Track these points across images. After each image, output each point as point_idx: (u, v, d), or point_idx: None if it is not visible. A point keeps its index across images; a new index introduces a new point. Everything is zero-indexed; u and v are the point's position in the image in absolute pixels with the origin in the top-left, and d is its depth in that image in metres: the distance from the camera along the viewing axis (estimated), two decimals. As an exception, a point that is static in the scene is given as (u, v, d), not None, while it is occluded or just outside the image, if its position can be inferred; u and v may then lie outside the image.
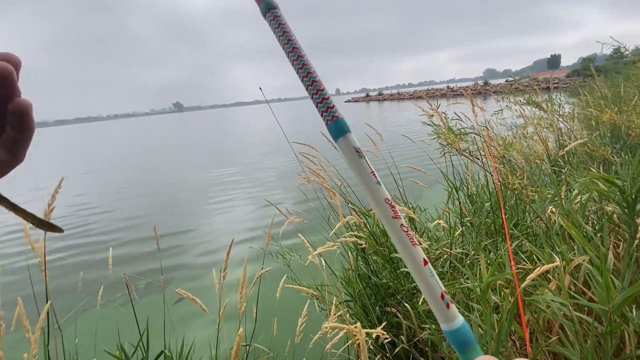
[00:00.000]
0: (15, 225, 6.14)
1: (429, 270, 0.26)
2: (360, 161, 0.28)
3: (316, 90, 0.28)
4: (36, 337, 0.83)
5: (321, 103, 0.28)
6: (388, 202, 0.27)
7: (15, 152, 0.27)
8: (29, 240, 1.08)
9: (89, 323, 2.78)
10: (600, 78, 5.03)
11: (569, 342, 1.04)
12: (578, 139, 2.12)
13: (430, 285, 0.26)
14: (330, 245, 1.29)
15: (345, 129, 0.28)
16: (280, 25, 0.30)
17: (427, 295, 0.26)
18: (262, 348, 1.36)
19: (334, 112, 0.28)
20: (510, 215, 1.68)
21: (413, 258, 0.26)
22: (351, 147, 0.28)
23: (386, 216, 0.27)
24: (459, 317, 0.26)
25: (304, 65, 0.29)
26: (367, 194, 0.27)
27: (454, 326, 0.25)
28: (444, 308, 0.26)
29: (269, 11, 0.30)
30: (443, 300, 0.26)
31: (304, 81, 0.29)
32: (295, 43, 0.29)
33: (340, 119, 0.28)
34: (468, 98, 1.90)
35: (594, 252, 1.10)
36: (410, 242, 0.26)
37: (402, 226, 0.26)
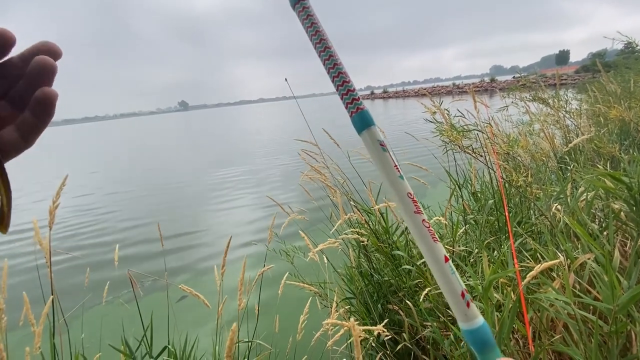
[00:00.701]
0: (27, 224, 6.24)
1: (450, 268, 0.25)
2: (384, 154, 0.27)
3: (342, 82, 0.28)
4: (39, 331, 0.84)
5: (346, 95, 0.28)
6: (410, 197, 0.27)
7: (29, 137, 0.28)
8: (38, 238, 1.10)
9: (95, 319, 2.82)
10: (610, 74, 4.94)
11: (573, 342, 1.03)
12: (585, 135, 2.09)
13: (451, 282, 0.25)
14: (331, 242, 1.28)
15: (369, 121, 0.28)
16: (309, 16, 0.30)
17: (447, 293, 0.26)
18: (264, 345, 1.37)
19: (359, 104, 0.28)
20: (514, 213, 1.66)
21: (434, 254, 0.26)
22: (375, 140, 0.28)
23: (408, 211, 0.26)
24: (480, 317, 0.25)
25: (330, 57, 0.28)
26: (390, 188, 0.27)
27: (473, 325, 0.25)
28: (464, 306, 0.25)
29: (298, 2, 0.30)
30: (464, 298, 0.25)
31: (330, 72, 0.29)
32: (323, 35, 0.29)
33: (365, 111, 0.28)
34: (472, 95, 1.87)
35: (599, 250, 1.09)
36: (432, 237, 0.26)
37: (423, 221, 0.26)
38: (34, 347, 0.84)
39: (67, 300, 2.92)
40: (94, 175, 11.89)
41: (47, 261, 1.01)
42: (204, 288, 1.38)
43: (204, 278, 3.60)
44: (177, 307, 2.81)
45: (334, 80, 0.29)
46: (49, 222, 1.01)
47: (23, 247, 5.25)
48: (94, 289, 1.67)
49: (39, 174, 12.96)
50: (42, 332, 1.08)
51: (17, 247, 5.33)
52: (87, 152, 23.54)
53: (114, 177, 11.23)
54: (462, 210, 1.78)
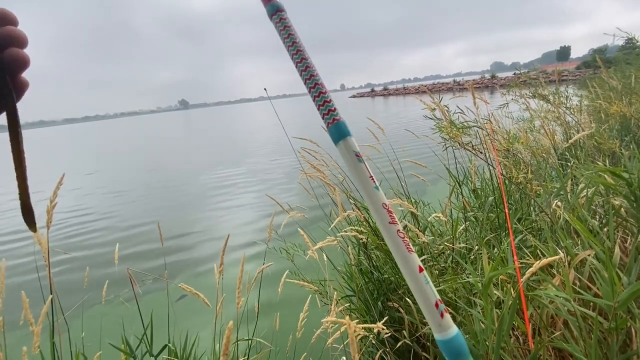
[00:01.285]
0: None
1: (424, 278, 0.25)
2: (359, 165, 0.27)
3: (318, 93, 0.28)
4: (38, 330, 0.84)
5: (323, 106, 0.28)
6: (385, 207, 0.26)
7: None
8: (37, 237, 1.10)
9: (95, 318, 2.83)
10: (611, 70, 4.91)
11: (573, 338, 1.03)
12: (585, 131, 2.08)
13: (425, 292, 0.25)
14: (330, 240, 1.28)
15: (345, 132, 0.28)
16: (285, 27, 0.30)
17: (421, 303, 0.26)
18: (265, 343, 1.37)
19: (335, 115, 0.28)
20: (514, 210, 1.66)
21: (408, 264, 0.26)
22: (351, 150, 0.27)
23: (383, 221, 0.26)
24: (453, 327, 0.25)
25: (307, 68, 0.29)
26: (365, 199, 0.27)
27: (447, 335, 0.25)
28: (437, 317, 0.25)
29: (275, 13, 0.30)
30: (437, 308, 0.25)
31: (307, 83, 0.29)
32: (299, 45, 0.29)
33: (341, 122, 0.28)
34: (472, 91, 1.87)
35: (600, 247, 1.08)
36: (406, 248, 0.26)
37: (398, 232, 0.26)
38: (33, 347, 0.84)
39: (68, 299, 2.93)
40: (92, 176, 11.90)
41: (46, 261, 1.01)
42: (205, 287, 1.37)
43: (204, 277, 3.60)
44: (178, 306, 2.81)
45: (310, 91, 0.28)
46: (47, 222, 1.01)
47: (26, 248, 5.27)
48: (94, 288, 1.68)
49: (41, 173, 12.98)
50: (43, 332, 1.08)
51: (20, 247, 5.35)
52: (88, 152, 23.56)
53: (114, 178, 11.24)
54: (462, 207, 1.78)
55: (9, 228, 6.48)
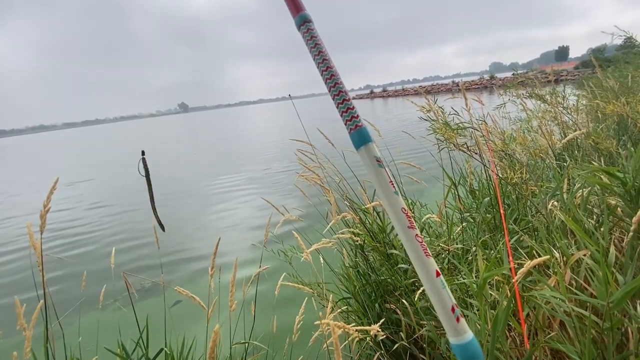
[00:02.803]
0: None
1: (441, 282, 0.26)
2: (380, 170, 0.28)
3: (342, 100, 0.29)
4: (29, 335, 0.84)
5: (346, 112, 0.29)
6: (404, 212, 0.27)
7: None
8: (32, 242, 1.10)
9: (91, 323, 2.82)
10: (609, 69, 4.91)
11: (569, 339, 1.02)
12: (582, 131, 2.08)
13: (442, 297, 0.26)
14: (325, 242, 1.28)
15: (367, 138, 0.29)
16: (312, 37, 0.31)
17: (438, 308, 0.26)
18: (261, 346, 1.37)
19: (358, 122, 0.29)
20: (511, 210, 1.66)
21: (426, 269, 0.26)
22: (372, 156, 0.29)
23: (402, 225, 0.27)
24: (469, 332, 0.25)
25: (332, 77, 0.30)
26: (385, 203, 0.28)
27: (463, 340, 0.25)
28: (454, 321, 0.25)
29: (303, 24, 0.32)
30: (454, 313, 0.25)
31: (332, 91, 0.30)
32: (325, 55, 0.31)
33: (363, 129, 0.29)
34: (472, 92, 1.87)
35: (594, 247, 1.08)
36: (424, 252, 0.26)
37: (417, 236, 0.27)
38: (24, 352, 0.84)
39: (64, 304, 2.92)
40: (89, 183, 11.91)
41: (39, 265, 1.01)
42: (203, 291, 1.37)
43: (201, 281, 3.60)
44: (175, 311, 2.81)
45: (334, 98, 0.30)
46: (40, 227, 1.01)
47: (26, 252, 5.26)
48: (91, 294, 1.68)
49: (42, 179, 12.99)
50: (38, 337, 1.08)
51: (20, 252, 5.35)
52: (88, 157, 23.57)
53: (113, 186, 11.25)
54: (458, 208, 1.77)
55: (6, 236, 6.49)
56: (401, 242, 0.27)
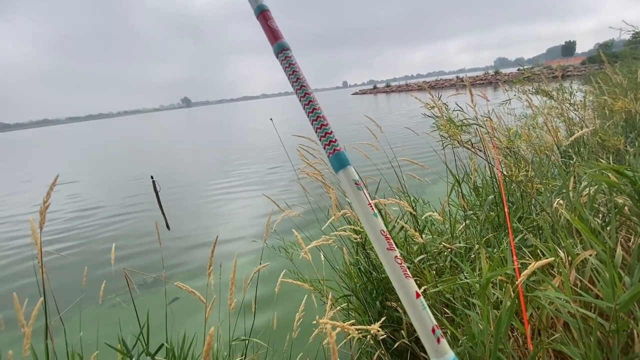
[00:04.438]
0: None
1: (421, 303, 0.26)
2: (358, 193, 0.28)
3: (320, 125, 0.30)
4: (28, 332, 0.84)
5: (324, 137, 0.30)
6: (383, 234, 0.27)
7: None
8: (34, 237, 1.09)
9: (91, 319, 2.84)
10: (617, 64, 4.82)
11: (573, 340, 1.01)
12: (589, 128, 2.04)
13: (422, 318, 0.26)
14: (324, 239, 1.27)
15: (345, 162, 0.30)
16: (290, 65, 0.32)
17: (419, 329, 0.26)
18: (261, 343, 1.36)
19: (336, 146, 0.30)
20: (515, 208, 1.63)
21: (406, 290, 0.26)
22: (351, 179, 0.29)
23: (382, 247, 0.27)
24: (449, 352, 0.25)
25: (310, 102, 0.30)
26: (365, 225, 0.28)
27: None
28: (434, 342, 0.25)
29: (281, 52, 0.33)
30: (434, 334, 0.25)
31: (310, 116, 0.31)
32: (303, 81, 0.32)
33: (341, 153, 0.30)
34: (477, 88, 1.83)
35: (601, 247, 1.06)
36: (404, 274, 0.26)
37: (396, 258, 0.27)
38: (23, 349, 0.84)
39: (65, 301, 2.94)
40: (105, 174, 11.97)
41: (39, 261, 1.00)
42: (203, 287, 1.37)
43: (200, 278, 3.61)
44: (176, 307, 2.82)
45: (312, 124, 0.30)
46: (40, 223, 1.00)
47: (28, 249, 5.31)
48: (91, 290, 1.68)
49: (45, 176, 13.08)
50: (40, 331, 1.08)
51: (22, 250, 5.40)
52: (96, 152, 23.70)
53: (118, 179, 11.30)
54: (461, 206, 1.75)
55: (9, 232, 6.54)
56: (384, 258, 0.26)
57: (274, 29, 0.34)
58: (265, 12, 0.33)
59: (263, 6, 0.34)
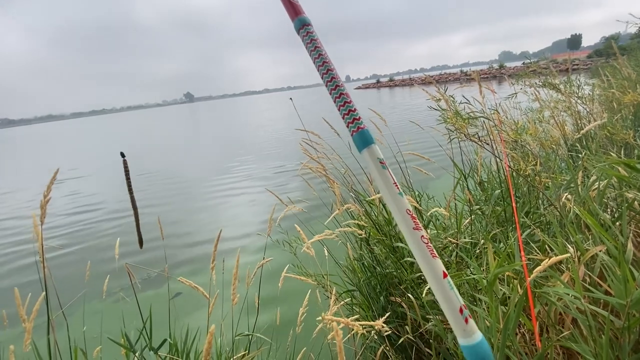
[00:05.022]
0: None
1: (449, 283, 0.25)
2: (384, 172, 0.28)
3: (343, 103, 0.29)
4: (29, 327, 0.83)
5: (347, 115, 0.29)
6: (409, 213, 0.26)
7: None
8: (36, 231, 1.08)
9: (94, 314, 2.86)
10: (623, 58, 4.74)
11: (582, 337, 0.99)
12: (597, 121, 2.00)
13: (450, 298, 0.25)
14: (327, 233, 1.25)
15: (370, 140, 0.29)
16: (312, 40, 0.31)
17: (446, 309, 0.25)
18: (265, 338, 1.35)
19: (360, 124, 0.29)
20: (522, 203, 1.61)
21: (433, 270, 0.25)
22: (375, 158, 0.28)
23: (408, 227, 0.26)
24: (478, 332, 0.25)
25: (333, 79, 0.29)
26: (390, 205, 0.28)
27: (472, 341, 0.24)
28: (462, 322, 0.25)
29: (302, 27, 0.32)
30: (462, 314, 0.25)
31: (332, 94, 0.30)
32: (325, 57, 0.30)
33: (365, 131, 0.29)
34: (482, 82, 1.79)
35: (612, 242, 1.03)
36: (430, 253, 0.26)
37: (422, 237, 0.26)
38: (24, 345, 0.83)
39: (67, 296, 2.95)
40: (111, 170, 12.01)
41: (41, 256, 0.99)
42: (206, 282, 1.36)
43: (203, 273, 3.61)
44: (179, 302, 2.82)
45: (335, 101, 0.29)
46: (41, 217, 0.99)
47: (29, 244, 5.34)
48: (92, 284, 1.68)
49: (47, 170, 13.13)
50: (42, 328, 1.07)
51: (23, 245, 5.43)
52: (101, 145, 23.77)
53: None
54: (467, 200, 1.73)
55: (14, 227, 6.59)
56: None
57: (294, 3, 0.32)
58: None
59: None
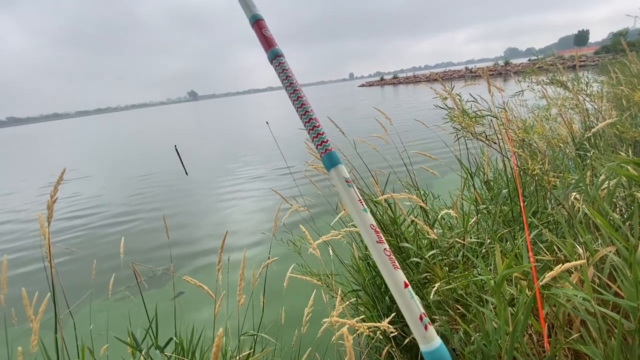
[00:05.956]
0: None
1: (409, 293, 0.27)
2: (349, 190, 0.30)
3: (312, 127, 0.32)
4: (36, 328, 0.83)
5: (316, 138, 0.31)
6: (373, 228, 0.29)
7: None
8: (43, 231, 1.09)
9: (99, 311, 2.88)
10: (632, 54, 4.66)
11: (591, 339, 0.97)
12: (606, 119, 1.97)
13: (410, 307, 0.27)
14: (333, 234, 1.24)
15: (336, 160, 0.31)
16: (284, 70, 0.34)
17: (407, 317, 0.27)
18: (270, 339, 1.36)
19: (327, 146, 0.32)
20: (529, 203, 1.59)
21: (395, 280, 0.28)
22: (342, 177, 0.31)
23: (372, 241, 0.28)
24: (437, 338, 0.27)
25: (302, 105, 0.32)
26: (355, 220, 0.30)
27: (431, 347, 0.26)
28: (422, 329, 0.27)
29: (275, 58, 0.35)
30: (422, 321, 0.27)
31: (302, 118, 0.32)
32: (296, 86, 0.33)
33: (332, 152, 0.32)
34: (485, 78, 1.77)
35: (622, 243, 1.02)
36: (393, 265, 0.28)
37: (385, 250, 0.28)
38: (31, 345, 0.84)
39: (74, 295, 2.98)
40: (115, 170, 12.10)
41: (48, 256, 1.00)
42: (212, 281, 1.36)
43: (207, 272, 3.63)
44: (185, 301, 2.84)
45: (305, 125, 0.32)
46: (48, 217, 1.00)
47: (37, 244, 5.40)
48: (98, 283, 1.69)
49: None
50: (46, 326, 1.08)
51: (30, 244, 5.49)
52: (105, 145, 23.94)
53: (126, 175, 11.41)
54: (473, 200, 1.71)
55: (23, 229, 6.67)
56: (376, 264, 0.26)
57: (268, 37, 0.36)
58: (260, 21, 0.36)
59: (257, 15, 0.36)
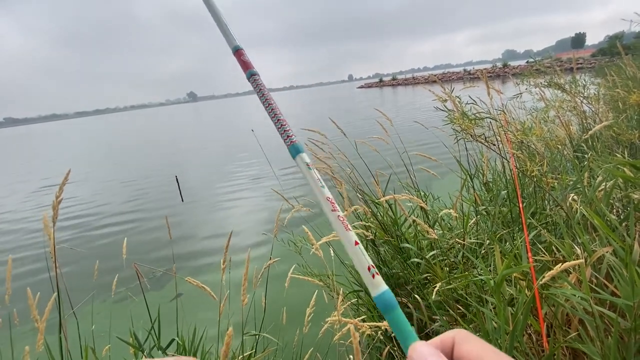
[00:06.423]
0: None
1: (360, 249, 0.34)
2: (310, 172, 0.39)
3: (280, 126, 0.42)
4: (42, 328, 0.84)
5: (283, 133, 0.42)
6: (329, 200, 0.37)
7: None
8: (48, 231, 1.10)
9: (105, 312, 2.88)
10: (628, 57, 4.71)
11: (589, 338, 0.99)
12: (603, 122, 1.99)
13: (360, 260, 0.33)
14: (334, 235, 1.26)
15: (300, 149, 0.41)
16: (257, 85, 0.45)
17: (359, 268, 0.33)
18: (272, 338, 1.36)
19: (293, 139, 0.41)
20: (528, 204, 1.61)
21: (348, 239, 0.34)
22: (304, 162, 0.40)
23: (328, 209, 0.36)
24: (383, 285, 0.32)
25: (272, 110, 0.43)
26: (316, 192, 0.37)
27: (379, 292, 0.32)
28: (370, 278, 0.32)
29: (251, 77, 0.46)
30: (370, 271, 0.33)
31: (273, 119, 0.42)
32: (267, 96, 0.44)
33: (297, 144, 0.41)
34: (484, 81, 1.80)
35: (619, 243, 1.03)
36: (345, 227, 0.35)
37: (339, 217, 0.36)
38: (37, 344, 0.84)
39: (78, 295, 2.98)
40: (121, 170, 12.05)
41: (52, 256, 1.01)
42: (214, 282, 1.37)
43: (209, 271, 3.63)
44: (186, 302, 2.84)
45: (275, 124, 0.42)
46: (53, 218, 1.01)
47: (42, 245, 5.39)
48: (100, 284, 1.69)
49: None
50: (53, 322, 1.08)
51: (35, 245, 5.48)
52: (104, 147, 23.85)
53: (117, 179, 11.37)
54: (473, 201, 1.73)
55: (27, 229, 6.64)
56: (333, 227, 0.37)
57: (246, 61, 0.47)
58: (240, 50, 0.47)
59: (238, 46, 0.47)
